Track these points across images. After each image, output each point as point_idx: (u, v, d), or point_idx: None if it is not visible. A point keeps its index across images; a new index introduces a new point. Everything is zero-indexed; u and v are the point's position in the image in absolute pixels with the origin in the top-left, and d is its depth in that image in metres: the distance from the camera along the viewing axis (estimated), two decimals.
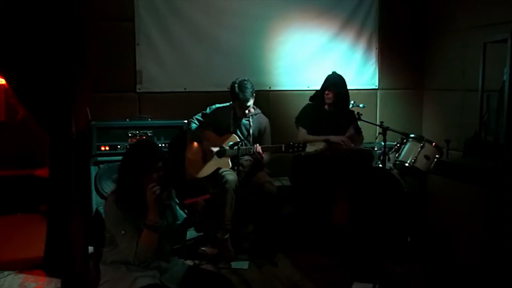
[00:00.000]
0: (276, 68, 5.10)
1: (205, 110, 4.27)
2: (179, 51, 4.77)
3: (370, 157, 4.22)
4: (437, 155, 4.02)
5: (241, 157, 3.93)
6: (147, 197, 2.40)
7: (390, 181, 4.01)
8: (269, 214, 3.97)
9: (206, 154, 4.07)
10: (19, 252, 4.04)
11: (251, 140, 4.13)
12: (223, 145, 4.06)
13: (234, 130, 4.15)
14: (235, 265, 3.75)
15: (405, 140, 4.14)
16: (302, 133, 4.24)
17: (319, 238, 4.12)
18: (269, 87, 5.09)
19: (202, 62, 4.84)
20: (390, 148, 4.28)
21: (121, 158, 2.59)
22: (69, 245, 3.68)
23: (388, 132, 3.66)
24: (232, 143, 3.86)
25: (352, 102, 4.20)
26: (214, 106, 4.27)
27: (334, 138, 4.11)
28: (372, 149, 4.37)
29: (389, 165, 4.18)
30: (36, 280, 3.53)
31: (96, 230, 3.62)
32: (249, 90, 4.00)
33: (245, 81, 4.03)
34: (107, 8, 4.50)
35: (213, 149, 4.03)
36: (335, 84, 4.21)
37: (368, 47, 5.42)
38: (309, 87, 5.05)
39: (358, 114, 3.78)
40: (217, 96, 4.54)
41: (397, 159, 4.11)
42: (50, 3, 3.57)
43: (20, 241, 4.35)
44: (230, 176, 3.86)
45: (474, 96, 4.37)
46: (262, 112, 4.31)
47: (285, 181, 4.46)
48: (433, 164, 4.00)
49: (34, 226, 4.61)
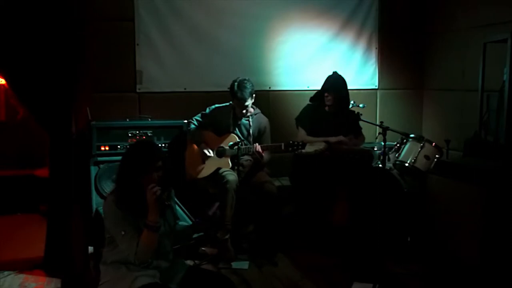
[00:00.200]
0: (276, 68, 5.10)
1: (205, 111, 4.27)
2: (179, 51, 4.77)
3: (370, 157, 4.22)
4: (437, 155, 4.02)
5: (241, 157, 3.93)
6: (148, 198, 2.40)
7: (390, 181, 4.01)
8: (269, 214, 3.97)
9: (204, 155, 4.08)
10: (19, 252, 4.04)
11: (251, 140, 4.13)
12: (223, 145, 4.06)
13: (234, 130, 4.15)
14: (235, 265, 3.75)
15: (405, 140, 4.14)
16: (302, 134, 4.24)
17: (319, 238, 4.12)
18: (269, 87, 5.09)
19: (202, 62, 4.84)
20: (390, 148, 4.27)
21: (121, 158, 2.59)
22: (69, 245, 3.68)
23: (388, 132, 3.66)
24: (232, 143, 3.86)
25: (352, 102, 4.20)
26: (214, 106, 4.27)
27: (333, 139, 4.11)
28: (372, 149, 4.37)
29: (389, 165, 4.18)
30: (36, 280, 3.53)
31: (96, 230, 3.61)
32: (248, 90, 4.00)
33: (245, 81, 4.03)
34: (107, 8, 4.50)
35: (207, 152, 4.04)
36: (335, 87, 4.20)
37: (368, 47, 5.41)
38: (309, 87, 5.05)
39: (358, 114, 3.78)
40: (217, 96, 4.54)
41: (397, 159, 4.11)
42: (50, 3, 3.57)
43: (20, 241, 4.36)
44: (231, 176, 3.86)
45: (474, 96, 4.37)
46: (262, 112, 4.31)
47: (285, 181, 4.45)
48: (433, 164, 4.00)
49: (34, 226, 4.61)
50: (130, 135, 4.13)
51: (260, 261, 3.81)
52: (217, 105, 4.27)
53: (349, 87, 4.31)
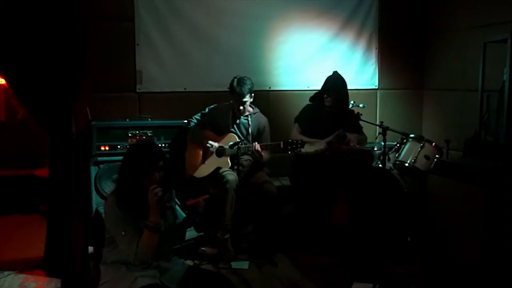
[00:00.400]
0: (276, 68, 5.10)
1: (204, 111, 4.27)
2: (179, 51, 4.77)
3: (370, 157, 4.22)
4: (437, 155, 4.01)
5: (241, 157, 3.93)
6: (149, 199, 2.40)
7: (390, 181, 4.01)
8: (269, 214, 3.97)
9: (206, 152, 4.07)
10: (19, 252, 4.05)
11: (250, 140, 4.13)
12: (222, 145, 4.06)
13: (233, 129, 4.15)
14: (235, 265, 3.75)
15: (405, 140, 4.14)
16: (294, 130, 4.26)
17: (319, 238, 4.11)
18: (269, 87, 5.09)
19: (202, 62, 4.84)
20: (390, 148, 4.27)
21: (121, 159, 2.59)
22: (69, 245, 3.68)
23: (388, 132, 3.66)
24: (232, 143, 3.86)
25: (352, 102, 4.20)
26: (213, 106, 4.28)
27: (327, 139, 4.09)
28: (372, 149, 4.37)
29: (389, 165, 4.18)
30: (36, 280, 3.53)
31: (96, 230, 3.62)
32: (247, 86, 4.01)
33: (245, 78, 4.05)
34: (107, 8, 4.50)
35: (210, 145, 4.03)
36: (334, 88, 4.20)
37: (368, 47, 5.41)
38: (309, 87, 5.05)
39: (358, 114, 3.78)
40: (217, 96, 4.54)
41: (397, 159, 4.11)
42: (50, 3, 3.57)
43: (20, 241, 4.36)
44: (231, 176, 3.86)
45: (474, 96, 4.37)
46: (262, 112, 4.32)
47: (285, 181, 4.45)
48: (433, 164, 4.00)
49: (34, 226, 4.61)
50: (130, 135, 4.13)
51: (260, 261, 3.81)
52: (216, 105, 4.28)
53: (349, 87, 4.31)
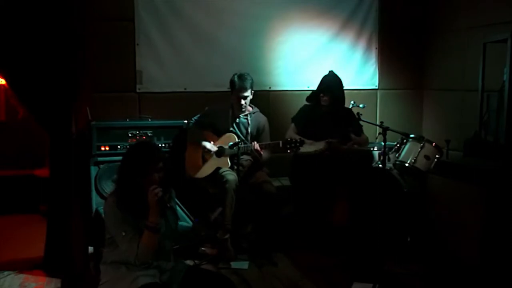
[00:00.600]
0: (276, 68, 5.10)
1: (203, 111, 4.27)
2: (179, 51, 4.77)
3: (370, 157, 4.22)
4: (437, 155, 4.01)
5: (241, 157, 3.93)
6: (149, 199, 2.40)
7: (390, 181, 4.00)
8: (268, 214, 3.97)
9: (205, 154, 4.08)
10: (19, 252, 4.04)
11: (250, 139, 4.13)
12: (222, 145, 4.06)
13: (233, 129, 4.15)
14: (235, 265, 3.75)
15: (405, 140, 4.13)
16: (290, 130, 4.28)
17: (319, 238, 4.12)
18: (269, 87, 5.09)
19: (202, 62, 4.84)
20: (390, 148, 4.27)
21: (121, 159, 2.59)
22: (69, 245, 3.68)
23: (388, 132, 3.66)
24: (232, 143, 3.86)
25: (352, 102, 4.20)
26: (212, 106, 4.28)
27: (322, 144, 4.09)
28: (372, 149, 4.37)
29: (389, 165, 4.17)
30: (36, 280, 3.53)
31: (96, 230, 3.62)
32: (248, 81, 4.04)
33: (246, 74, 4.08)
34: (107, 8, 4.50)
35: (210, 149, 4.03)
36: (330, 88, 4.21)
37: (368, 47, 5.41)
38: (309, 87, 5.04)
39: (358, 114, 3.78)
40: (217, 96, 4.54)
41: (397, 159, 4.11)
42: (50, 3, 3.57)
43: (20, 241, 4.36)
44: (231, 176, 3.86)
45: (474, 96, 4.37)
46: (262, 112, 4.32)
47: (285, 181, 4.45)
48: (433, 164, 4.00)
49: (34, 226, 4.61)
50: (130, 135, 4.13)
51: (260, 261, 3.81)
52: (216, 105, 4.28)
53: (349, 87, 4.32)
